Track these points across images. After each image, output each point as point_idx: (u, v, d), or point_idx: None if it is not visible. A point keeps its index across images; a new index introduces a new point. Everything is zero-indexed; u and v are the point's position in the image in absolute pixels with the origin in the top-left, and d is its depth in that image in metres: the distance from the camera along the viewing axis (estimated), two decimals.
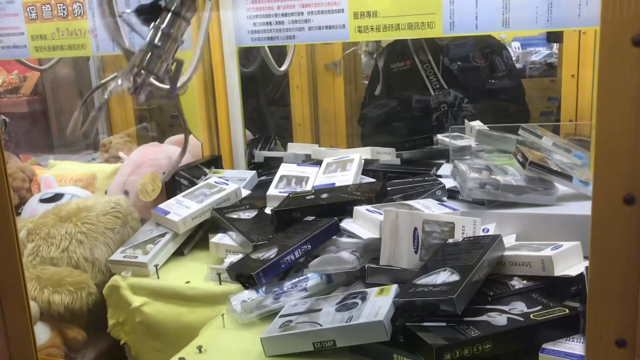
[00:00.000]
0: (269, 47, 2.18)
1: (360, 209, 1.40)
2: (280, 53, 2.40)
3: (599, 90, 0.76)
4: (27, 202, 1.94)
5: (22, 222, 1.70)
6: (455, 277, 1.07)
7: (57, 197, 1.90)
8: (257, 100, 2.84)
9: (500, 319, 1.03)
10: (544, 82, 3.68)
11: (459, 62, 2.39)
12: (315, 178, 1.74)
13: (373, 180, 1.72)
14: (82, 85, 3.38)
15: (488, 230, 1.35)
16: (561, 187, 1.43)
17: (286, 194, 1.63)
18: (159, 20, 1.26)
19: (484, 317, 1.04)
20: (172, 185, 1.80)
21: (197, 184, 1.79)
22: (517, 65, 3.94)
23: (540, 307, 1.05)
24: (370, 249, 1.31)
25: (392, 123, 2.44)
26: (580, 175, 1.43)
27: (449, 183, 1.57)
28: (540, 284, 1.14)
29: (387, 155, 1.92)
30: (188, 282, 1.46)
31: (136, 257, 1.53)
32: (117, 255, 1.56)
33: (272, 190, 1.70)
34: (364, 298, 1.15)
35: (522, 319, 1.02)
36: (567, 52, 2.09)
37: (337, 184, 1.65)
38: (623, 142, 0.76)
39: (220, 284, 1.42)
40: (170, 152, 1.96)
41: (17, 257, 1.22)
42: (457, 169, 1.52)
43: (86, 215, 1.62)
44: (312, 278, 1.30)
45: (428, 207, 1.42)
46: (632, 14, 0.72)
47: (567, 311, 1.03)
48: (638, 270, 0.80)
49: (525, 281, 1.15)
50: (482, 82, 2.41)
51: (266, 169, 2.01)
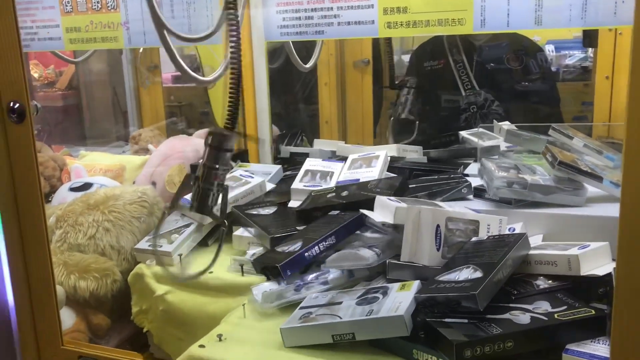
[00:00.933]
0: (296, 44, 2.18)
1: (382, 198, 1.39)
2: (309, 50, 2.40)
3: (630, 91, 0.74)
4: (57, 191, 1.98)
5: (52, 209, 1.74)
6: (478, 274, 1.06)
7: (86, 186, 1.93)
8: (284, 96, 2.84)
9: (523, 318, 1.01)
10: (577, 86, 3.61)
11: (492, 63, 2.37)
12: (340, 174, 1.74)
13: (394, 175, 1.71)
14: (115, 80, 3.44)
15: (514, 230, 1.33)
16: (591, 189, 1.40)
17: (310, 188, 1.64)
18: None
19: (506, 315, 1.02)
20: None
21: None
22: (551, 69, 3.88)
23: (565, 307, 1.03)
24: (394, 246, 1.30)
25: (421, 122, 2.43)
26: (612, 177, 1.40)
27: (475, 182, 1.55)
28: (566, 284, 1.11)
29: (413, 153, 1.91)
30: (211, 272, 1.47)
31: (161, 246, 1.55)
32: (143, 244, 1.58)
33: (296, 184, 1.71)
34: (385, 293, 1.14)
35: (545, 318, 1.00)
36: (602, 53, 2.05)
37: (361, 180, 1.64)
38: None
39: (242, 275, 1.42)
40: (198, 145, 1.98)
41: (45, 242, 1.25)
42: (484, 167, 1.50)
43: (113, 203, 1.65)
44: (333, 272, 1.30)
45: (453, 206, 1.40)
46: None
47: (593, 312, 1.00)
48: None
49: (550, 281, 1.13)
50: (515, 84, 2.38)
51: (291, 164, 2.01)
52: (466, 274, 1.09)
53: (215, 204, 1.25)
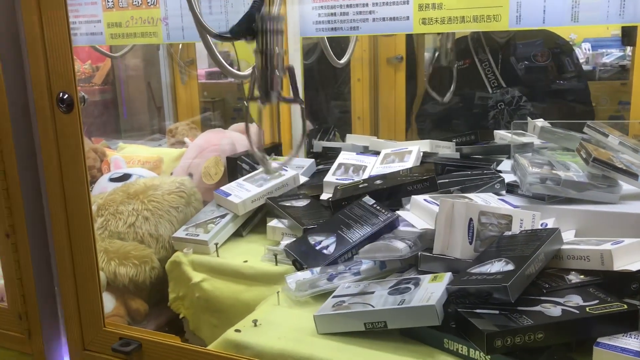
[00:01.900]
0: (330, 40, 2.21)
1: (418, 199, 1.41)
2: (344, 47, 2.42)
3: None
4: (97, 181, 2.05)
5: (93, 198, 1.80)
6: (510, 267, 1.07)
7: (125, 177, 1.99)
8: (318, 92, 2.88)
9: (554, 310, 1.02)
10: (614, 85, 3.55)
11: (524, 61, 2.36)
12: (372, 168, 1.76)
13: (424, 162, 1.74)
14: (150, 75, 3.52)
15: (546, 225, 1.33)
16: (625, 186, 1.40)
17: (342, 182, 1.66)
18: (257, 43, 1.28)
19: (537, 308, 1.03)
20: (233, 169, 1.87)
21: (257, 170, 1.84)
22: (587, 67, 3.82)
23: (597, 301, 1.04)
24: (426, 239, 1.32)
25: (450, 120, 2.44)
26: None
27: (508, 178, 1.55)
28: (599, 279, 1.11)
29: (446, 149, 1.92)
30: (246, 261, 1.51)
31: (197, 235, 1.59)
32: (180, 233, 1.63)
33: (329, 177, 1.74)
34: (417, 284, 1.16)
35: (577, 312, 1.01)
36: None
37: None
38: None
39: (276, 264, 1.46)
40: (233, 139, 2.03)
41: (90, 229, 1.30)
42: (518, 163, 1.51)
43: (152, 193, 1.70)
44: (365, 262, 1.32)
45: (487, 201, 1.41)
46: None
47: (625, 307, 1.01)
48: None
49: (582, 276, 1.13)
50: (545, 82, 2.37)
51: (324, 158, 2.04)
52: (498, 266, 1.10)
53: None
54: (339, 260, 1.36)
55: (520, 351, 0.98)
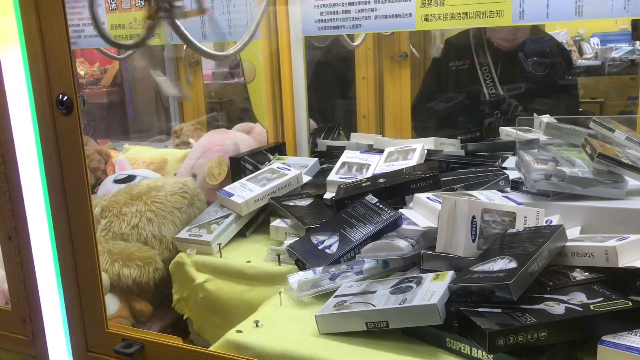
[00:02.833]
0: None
1: (421, 197, 1.40)
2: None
3: None
4: (102, 182, 2.06)
5: (97, 200, 1.80)
6: (513, 265, 1.06)
7: (129, 178, 1.99)
8: (322, 91, 2.87)
9: (557, 308, 1.00)
10: (623, 79, 3.51)
11: (526, 71, 2.31)
12: (376, 167, 1.75)
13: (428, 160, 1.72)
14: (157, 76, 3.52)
15: (551, 222, 1.32)
16: (632, 182, 1.38)
17: (346, 180, 1.65)
18: None
19: (540, 306, 1.02)
20: (237, 169, 1.86)
21: (260, 169, 1.84)
22: (595, 62, 3.78)
23: (601, 298, 1.02)
24: (429, 237, 1.31)
25: (445, 119, 2.40)
26: None
27: (513, 175, 1.53)
28: (603, 276, 1.10)
29: (451, 147, 1.90)
30: (249, 261, 1.50)
31: (201, 235, 1.59)
32: (183, 234, 1.63)
33: (332, 176, 1.73)
34: (419, 282, 1.15)
35: (580, 309, 0.99)
36: None
37: None
38: None
39: (279, 264, 1.45)
40: (237, 139, 2.02)
41: (92, 232, 1.30)
42: (522, 159, 1.49)
43: (155, 194, 1.70)
44: (368, 261, 1.31)
45: (490, 199, 1.40)
46: None
47: (630, 304, 0.99)
48: None
49: (587, 273, 1.12)
50: (544, 94, 2.32)
51: (328, 157, 2.03)
52: (501, 264, 1.09)
53: None
54: (342, 259, 1.35)
55: (523, 350, 0.96)
